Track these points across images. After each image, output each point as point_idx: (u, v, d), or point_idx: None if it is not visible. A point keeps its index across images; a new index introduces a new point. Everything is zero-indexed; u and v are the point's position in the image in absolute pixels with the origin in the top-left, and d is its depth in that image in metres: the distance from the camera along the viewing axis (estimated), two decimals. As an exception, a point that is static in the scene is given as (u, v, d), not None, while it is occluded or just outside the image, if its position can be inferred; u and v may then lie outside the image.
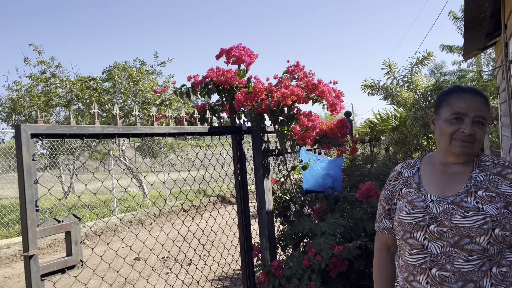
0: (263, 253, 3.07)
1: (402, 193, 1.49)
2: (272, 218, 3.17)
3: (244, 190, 3.13)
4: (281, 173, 3.64)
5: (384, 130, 7.42)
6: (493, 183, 1.32)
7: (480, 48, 6.23)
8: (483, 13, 4.45)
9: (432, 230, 1.31)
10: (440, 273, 1.29)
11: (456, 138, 1.35)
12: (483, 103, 1.36)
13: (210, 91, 3.11)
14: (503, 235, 1.25)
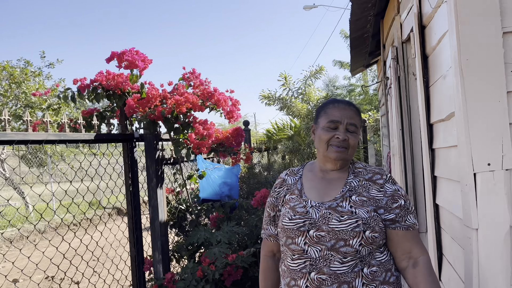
0: (156, 266, 2.95)
1: (285, 199, 1.54)
2: (166, 229, 3.06)
3: (135, 201, 2.97)
4: (177, 182, 3.54)
5: (281, 139, 7.73)
6: (365, 188, 1.44)
7: (365, 65, 6.84)
8: (366, 34, 4.89)
9: (312, 235, 1.37)
10: (318, 277, 1.34)
11: (332, 144, 1.45)
12: (354, 112, 1.49)
13: (99, 96, 2.91)
14: (373, 237, 1.35)
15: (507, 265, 1.45)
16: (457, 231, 1.81)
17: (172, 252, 3.39)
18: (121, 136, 2.87)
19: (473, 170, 1.47)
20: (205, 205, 3.56)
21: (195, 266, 2.96)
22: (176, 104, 2.83)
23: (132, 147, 2.96)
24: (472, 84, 1.47)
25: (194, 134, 2.93)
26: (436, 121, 2.08)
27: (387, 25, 3.93)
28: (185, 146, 3.05)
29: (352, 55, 5.99)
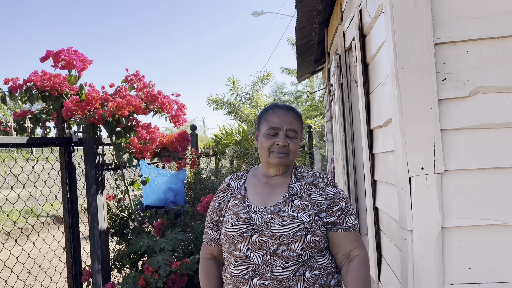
0: (95, 277, 2.80)
1: (229, 204, 1.52)
2: (107, 238, 2.92)
3: (73, 209, 2.82)
4: (119, 189, 3.41)
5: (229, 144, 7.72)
6: (307, 192, 1.45)
7: (311, 72, 7.01)
8: (312, 41, 5.01)
9: (255, 240, 1.36)
10: (260, 282, 1.33)
11: (273, 151, 1.46)
12: (294, 117, 1.51)
13: (33, 97, 2.74)
14: (314, 241, 1.36)
15: (440, 264, 1.52)
16: (394, 233, 1.88)
17: (113, 262, 3.25)
18: (57, 140, 2.71)
19: (408, 174, 1.54)
20: (149, 211, 3.45)
21: (137, 275, 2.86)
22: (118, 107, 2.72)
23: (70, 152, 2.81)
24: (407, 92, 1.53)
25: (137, 138, 2.83)
26: (376, 127, 2.15)
27: (331, 33, 4.05)
28: (127, 151, 2.94)
29: (298, 62, 6.11)
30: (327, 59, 4.74)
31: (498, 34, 1.48)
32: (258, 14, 16.67)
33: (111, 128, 2.84)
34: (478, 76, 1.50)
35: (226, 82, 7.75)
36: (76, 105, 2.68)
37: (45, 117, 2.89)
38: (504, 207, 1.49)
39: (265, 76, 7.72)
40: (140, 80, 3.10)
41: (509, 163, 1.48)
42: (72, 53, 2.75)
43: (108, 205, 3.36)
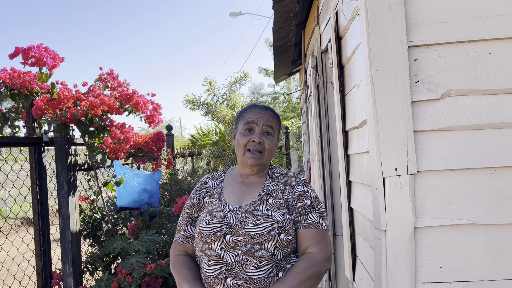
0: (66, 280, 2.72)
1: (204, 202, 1.51)
2: (78, 240, 2.85)
3: (43, 210, 2.73)
4: (92, 190, 3.33)
5: (206, 144, 7.66)
6: (281, 191, 1.46)
7: (288, 74, 7.04)
8: (289, 43, 5.03)
9: (228, 239, 1.35)
10: (234, 282, 1.32)
11: (249, 150, 1.46)
12: (271, 116, 1.52)
13: (1, 95, 2.64)
14: (287, 240, 1.36)
15: (412, 264, 1.54)
16: (369, 233, 1.90)
17: (85, 264, 3.17)
18: (27, 140, 2.63)
19: (382, 174, 1.55)
20: (123, 213, 3.39)
21: (110, 278, 2.79)
22: (91, 106, 2.66)
23: (40, 152, 2.72)
24: (381, 94, 1.55)
25: (111, 138, 2.77)
26: (351, 128, 2.17)
27: (308, 35, 4.07)
28: (101, 151, 2.88)
29: (275, 63, 6.13)
30: (304, 60, 4.77)
31: (469, 38, 1.52)
32: (236, 14, 16.67)
33: (84, 128, 2.77)
34: (450, 79, 1.53)
35: (203, 82, 7.70)
36: (47, 103, 2.61)
37: (14, 116, 2.80)
38: (473, 207, 1.52)
39: (242, 77, 7.71)
40: (114, 79, 3.04)
41: (478, 164, 1.51)
42: (42, 50, 2.67)
43: (81, 207, 3.28)
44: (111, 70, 3.10)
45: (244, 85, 7.76)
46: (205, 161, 7.98)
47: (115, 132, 2.77)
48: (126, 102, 2.94)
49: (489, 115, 1.52)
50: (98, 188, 3.17)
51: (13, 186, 2.66)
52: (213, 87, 7.76)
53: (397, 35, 1.54)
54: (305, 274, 1.32)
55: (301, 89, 5.72)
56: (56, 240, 2.80)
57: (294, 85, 18.82)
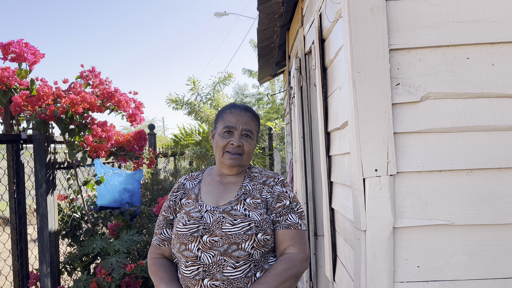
0: (43, 281, 2.67)
1: (181, 203, 1.50)
2: (56, 240, 2.80)
3: (21, 209, 2.68)
4: (72, 189, 3.27)
5: (188, 144, 7.62)
6: (259, 191, 1.46)
7: (272, 75, 7.07)
8: (273, 44, 5.05)
9: (205, 240, 1.35)
10: (211, 283, 1.32)
11: (228, 151, 1.46)
12: (251, 118, 1.52)
13: (-22, 91, 2.58)
14: (264, 239, 1.36)
15: (391, 263, 1.57)
16: (349, 233, 1.92)
17: (63, 264, 3.12)
18: (5, 137, 2.57)
19: (362, 175, 1.58)
20: (103, 212, 3.34)
21: (89, 278, 2.75)
22: (71, 104, 2.62)
23: (18, 149, 2.67)
24: (362, 96, 1.57)
25: (92, 137, 2.73)
26: (333, 130, 2.20)
27: (292, 36, 4.10)
28: (81, 149, 2.83)
29: (260, 64, 6.15)
30: (288, 62, 4.80)
31: (448, 42, 1.55)
32: (220, 15, 16.64)
33: (64, 126, 2.72)
34: (429, 82, 1.56)
35: (186, 81, 7.67)
36: (26, 100, 2.55)
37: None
38: (450, 208, 1.56)
39: (226, 77, 7.71)
40: (96, 76, 3.00)
41: (455, 166, 1.55)
42: (23, 46, 2.62)
43: (60, 206, 3.22)
44: (93, 67, 3.06)
45: (228, 85, 7.76)
46: (188, 161, 7.94)
47: (96, 130, 2.73)
48: (108, 100, 2.91)
49: (466, 118, 1.55)
50: (78, 187, 3.12)
51: None
52: (197, 87, 7.73)
53: (378, 38, 1.57)
54: (284, 275, 1.33)
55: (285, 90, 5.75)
56: (34, 240, 2.75)
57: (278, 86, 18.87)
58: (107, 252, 2.98)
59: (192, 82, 7.60)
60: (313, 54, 2.64)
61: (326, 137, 2.36)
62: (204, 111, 7.48)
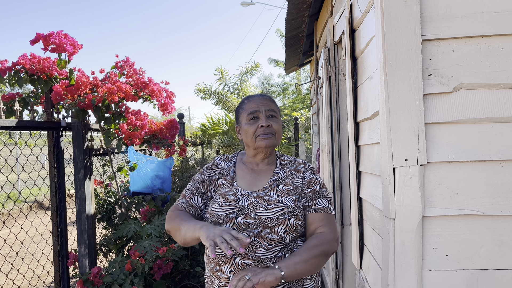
0: (81, 261, 2.82)
1: (218, 183, 1.56)
2: (93, 222, 2.94)
3: (61, 193, 2.82)
4: (106, 174, 3.42)
5: (216, 133, 7.73)
6: (290, 178, 1.51)
7: (298, 65, 7.05)
8: (301, 33, 5.05)
9: (240, 221, 1.41)
10: (242, 262, 1.39)
11: (259, 135, 1.50)
12: (270, 100, 1.57)
13: (22, 80, 2.72)
14: (296, 224, 1.42)
15: (419, 252, 1.59)
16: (377, 222, 1.95)
17: (99, 246, 3.27)
18: (46, 124, 2.71)
19: (392, 165, 1.60)
20: (136, 198, 3.47)
21: (123, 260, 2.89)
22: (108, 93, 2.73)
23: (58, 136, 2.81)
24: (394, 86, 1.59)
25: (126, 125, 2.84)
26: (362, 120, 2.21)
27: (320, 26, 4.09)
28: (116, 137, 2.95)
29: (286, 54, 6.14)
30: (316, 52, 4.79)
31: (482, 33, 1.54)
32: (247, 4, 16.58)
33: (100, 114, 2.84)
34: (462, 73, 1.56)
35: (214, 71, 7.75)
36: (65, 89, 2.68)
37: (33, 101, 2.88)
38: (481, 198, 1.57)
39: (253, 67, 7.74)
40: (130, 66, 3.11)
41: (487, 157, 1.55)
42: (62, 37, 2.74)
43: (96, 191, 3.37)
44: (127, 57, 3.16)
45: (254, 75, 7.79)
46: (215, 150, 8.05)
47: (130, 118, 2.84)
48: (141, 90, 3.01)
49: (499, 109, 1.55)
50: (112, 173, 3.25)
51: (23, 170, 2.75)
52: (224, 77, 7.80)
53: (411, 29, 1.57)
54: (316, 250, 1.38)
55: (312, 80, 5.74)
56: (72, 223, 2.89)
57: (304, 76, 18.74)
58: (140, 236, 3.11)
59: (220, 72, 7.67)
60: (343, 44, 2.64)
61: (355, 127, 2.38)
62: (232, 100, 7.55)
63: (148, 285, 2.95)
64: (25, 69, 2.73)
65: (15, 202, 2.31)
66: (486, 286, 1.59)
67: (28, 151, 2.89)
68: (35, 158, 2.77)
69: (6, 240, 2.63)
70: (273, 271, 1.29)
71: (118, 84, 2.80)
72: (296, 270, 1.33)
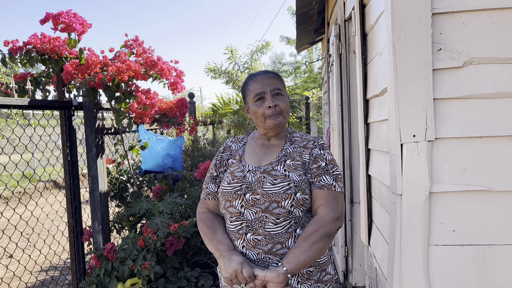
0: (95, 237, 2.90)
1: (228, 163, 1.60)
2: (106, 200, 3.00)
3: (74, 171, 2.88)
4: (118, 153, 3.47)
5: (226, 113, 7.74)
6: (299, 154, 1.52)
7: (310, 43, 6.96)
8: (312, 10, 4.97)
9: (248, 198, 1.44)
10: (253, 237, 1.42)
11: (268, 116, 1.52)
12: (273, 77, 1.56)
13: (33, 60, 2.75)
14: (303, 199, 1.44)
15: (426, 227, 1.60)
16: (385, 199, 1.96)
17: (112, 223, 3.35)
18: (58, 103, 2.74)
19: (400, 141, 1.60)
20: (148, 176, 3.53)
21: (136, 236, 2.96)
22: (118, 72, 2.74)
23: (70, 115, 2.84)
24: (402, 61, 1.57)
25: (137, 103, 2.86)
26: (372, 97, 2.20)
27: (331, 2, 4.02)
28: (127, 116, 2.98)
29: (298, 32, 6.07)
30: (327, 29, 4.72)
31: (494, 5, 1.51)
32: (258, -19, 16.26)
33: (110, 93, 2.87)
34: (473, 47, 1.54)
35: (224, 50, 7.70)
36: (76, 68, 2.70)
37: (45, 80, 2.91)
38: (489, 174, 1.56)
39: (263, 46, 7.67)
40: (139, 45, 3.11)
41: (496, 132, 1.54)
42: (71, 16, 2.74)
43: (108, 169, 3.43)
44: (137, 36, 3.16)
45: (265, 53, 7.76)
46: (226, 129, 8.08)
47: (140, 97, 2.86)
48: (151, 69, 3.02)
49: (510, 84, 1.52)
50: (124, 151, 3.30)
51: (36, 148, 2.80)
52: (234, 56, 7.75)
53: (421, 2, 1.54)
54: (315, 236, 1.39)
55: (323, 58, 5.67)
56: (86, 201, 2.96)
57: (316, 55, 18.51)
58: (152, 213, 3.17)
59: (229, 51, 7.62)
60: (353, 20, 2.60)
61: (365, 104, 2.37)
62: (242, 80, 7.52)
63: (160, 260, 3.03)
64: (35, 48, 2.75)
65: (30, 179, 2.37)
66: (493, 261, 1.59)
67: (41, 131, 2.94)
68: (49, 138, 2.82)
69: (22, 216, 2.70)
70: (275, 269, 1.36)
71: (127, 63, 2.81)
72: (299, 262, 1.36)
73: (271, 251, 1.41)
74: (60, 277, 3.55)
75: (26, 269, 2.92)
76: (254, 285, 1.36)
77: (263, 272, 1.35)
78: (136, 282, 2.76)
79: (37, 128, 5.53)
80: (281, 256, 1.41)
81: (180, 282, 2.92)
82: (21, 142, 2.69)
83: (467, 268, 1.60)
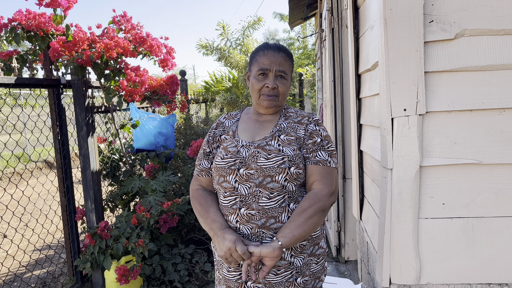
0: (89, 216, 2.90)
1: (221, 139, 1.59)
2: (98, 179, 2.99)
3: (65, 150, 2.86)
4: (110, 132, 3.44)
5: (219, 91, 7.67)
6: (293, 129, 1.51)
7: (303, 18, 6.85)
8: (304, -16, 4.87)
9: (242, 173, 1.44)
10: (247, 212, 1.42)
11: (263, 94, 1.50)
12: (284, 58, 1.52)
13: (18, 37, 2.68)
14: (297, 173, 1.43)
15: (416, 201, 1.61)
16: (376, 173, 1.97)
17: (106, 202, 3.35)
18: (46, 81, 2.69)
19: (391, 115, 1.59)
20: (140, 154, 3.51)
21: (129, 214, 2.97)
22: (106, 49, 2.69)
23: (59, 93, 2.80)
24: (394, 34, 1.55)
25: (126, 81, 2.82)
26: (364, 71, 2.18)
27: (324, -24, 3.93)
28: (117, 94, 2.94)
29: (290, 7, 5.95)
30: (320, 3, 4.64)
31: (488, -25, 1.48)
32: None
33: (99, 70, 2.81)
34: (465, 18, 1.51)
35: (216, 26, 7.56)
36: (63, 45, 2.64)
37: (32, 58, 2.85)
38: (480, 147, 1.56)
39: (256, 21, 7.54)
40: (128, 21, 3.04)
41: (487, 105, 1.53)
42: (56, -9, 2.66)
43: (99, 148, 3.40)
44: (125, 12, 3.09)
45: (257, 29, 7.60)
46: (219, 107, 8.02)
47: (130, 75, 2.81)
48: (140, 45, 2.96)
49: (502, 55, 1.51)
50: (115, 130, 3.27)
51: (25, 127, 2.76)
52: (226, 32, 7.62)
53: (413, -27, 1.51)
54: (310, 211, 1.41)
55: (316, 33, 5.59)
56: (79, 181, 2.94)
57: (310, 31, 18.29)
58: (145, 191, 3.18)
59: (221, 27, 7.49)
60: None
61: (357, 79, 2.35)
62: (234, 56, 7.41)
63: (155, 238, 3.05)
64: (21, 25, 2.68)
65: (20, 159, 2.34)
66: (481, 233, 1.62)
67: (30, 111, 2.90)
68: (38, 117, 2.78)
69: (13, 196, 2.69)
70: (270, 244, 1.37)
71: (116, 39, 2.75)
72: (294, 236, 1.38)
73: (265, 225, 1.42)
74: (54, 255, 3.57)
75: (19, 249, 2.92)
76: (250, 262, 1.37)
77: (258, 249, 1.36)
78: (130, 259, 2.79)
79: (27, 108, 5.45)
80: (274, 231, 1.42)
81: (175, 259, 2.94)
82: (10, 122, 2.65)
83: (456, 240, 1.62)
